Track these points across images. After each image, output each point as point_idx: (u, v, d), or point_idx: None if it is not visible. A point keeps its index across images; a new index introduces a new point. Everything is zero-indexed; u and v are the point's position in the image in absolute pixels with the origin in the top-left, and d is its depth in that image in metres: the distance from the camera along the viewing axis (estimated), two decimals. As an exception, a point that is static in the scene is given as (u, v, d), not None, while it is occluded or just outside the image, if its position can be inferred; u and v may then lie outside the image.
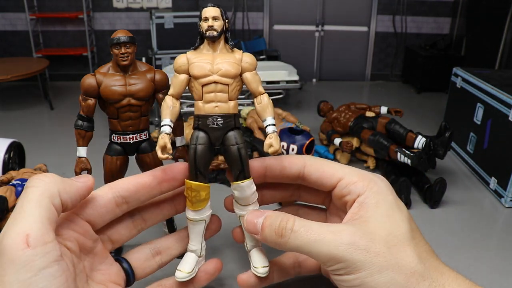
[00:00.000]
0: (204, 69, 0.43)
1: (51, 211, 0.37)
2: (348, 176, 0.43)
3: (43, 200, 0.37)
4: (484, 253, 1.95)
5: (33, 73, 3.79)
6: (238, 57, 0.44)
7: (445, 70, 3.93)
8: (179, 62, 0.44)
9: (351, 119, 3.07)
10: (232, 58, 0.43)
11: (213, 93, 0.43)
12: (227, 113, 0.43)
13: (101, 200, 0.41)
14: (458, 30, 4.80)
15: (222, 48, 0.45)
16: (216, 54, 0.44)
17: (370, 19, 5.00)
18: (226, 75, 0.43)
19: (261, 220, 0.41)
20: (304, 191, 0.48)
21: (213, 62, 0.43)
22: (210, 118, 0.43)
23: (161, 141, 0.42)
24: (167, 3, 4.72)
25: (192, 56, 0.45)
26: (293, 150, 2.93)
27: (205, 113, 0.43)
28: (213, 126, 0.42)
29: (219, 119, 0.42)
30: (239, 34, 4.88)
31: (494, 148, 2.72)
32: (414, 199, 2.61)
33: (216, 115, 0.43)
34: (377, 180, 0.42)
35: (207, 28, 0.43)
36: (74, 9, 4.56)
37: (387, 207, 0.40)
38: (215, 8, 0.45)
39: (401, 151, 2.67)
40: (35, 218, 0.35)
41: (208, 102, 0.43)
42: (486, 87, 2.78)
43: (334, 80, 5.12)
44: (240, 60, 0.44)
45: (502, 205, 2.50)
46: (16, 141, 2.33)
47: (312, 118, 3.59)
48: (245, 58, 0.45)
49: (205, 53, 0.44)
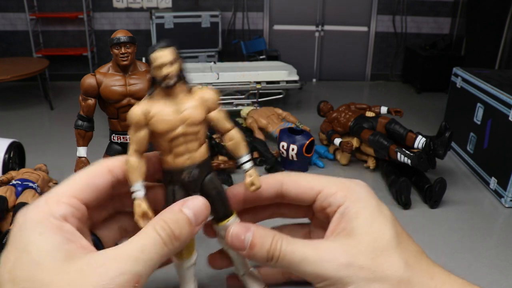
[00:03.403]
0: (168, 123, 0.36)
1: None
2: (326, 188, 0.42)
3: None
4: (484, 252, 1.95)
5: (33, 73, 3.79)
6: (200, 96, 0.38)
7: (445, 70, 3.93)
8: (135, 118, 0.36)
9: (351, 119, 3.08)
10: (194, 100, 0.37)
11: (183, 145, 0.37)
12: (200, 161, 0.38)
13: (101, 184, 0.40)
14: (458, 30, 4.80)
15: (180, 91, 0.37)
16: (177, 101, 0.36)
17: (370, 19, 5.00)
18: (194, 123, 0.37)
19: (250, 235, 0.40)
20: (284, 208, 0.47)
21: (176, 112, 0.36)
22: (185, 172, 0.37)
23: (138, 209, 0.36)
24: (167, 3, 4.72)
25: (149, 107, 0.36)
26: (293, 150, 2.93)
27: (176, 167, 0.37)
28: (190, 179, 0.38)
29: (194, 170, 0.38)
30: (239, 34, 4.88)
31: (494, 148, 2.72)
32: (414, 199, 2.60)
33: (189, 167, 0.37)
34: (355, 187, 0.41)
35: (163, 77, 0.35)
36: (74, 9, 4.56)
37: (367, 216, 0.39)
38: (169, 50, 0.36)
39: (401, 151, 2.67)
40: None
41: (178, 156, 0.37)
42: (486, 87, 2.78)
43: (334, 80, 5.12)
44: (202, 99, 0.38)
45: (502, 205, 2.51)
46: (16, 141, 2.33)
47: (312, 118, 3.60)
48: (206, 96, 0.38)
49: (163, 102, 0.36)
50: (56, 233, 0.33)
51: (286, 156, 2.78)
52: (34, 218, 0.34)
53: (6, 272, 0.32)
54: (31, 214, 0.34)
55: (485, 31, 4.04)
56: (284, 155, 2.79)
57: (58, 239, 0.33)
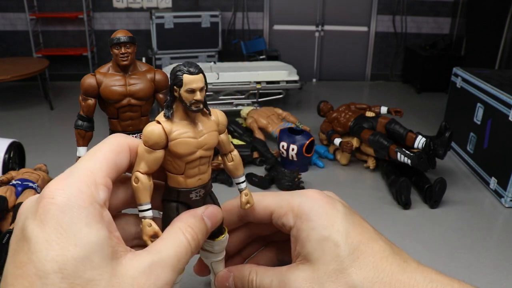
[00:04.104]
0: (190, 146, 0.36)
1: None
2: (277, 208, 0.42)
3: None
4: (484, 252, 1.95)
5: (33, 73, 3.79)
6: (215, 120, 0.38)
7: (445, 70, 3.94)
8: (155, 138, 0.35)
9: (351, 119, 3.08)
10: (212, 125, 0.37)
11: (197, 168, 0.37)
12: (207, 182, 0.39)
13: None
14: (458, 30, 4.80)
15: (200, 115, 0.37)
16: (196, 124, 0.37)
17: (370, 19, 5.00)
18: (211, 148, 0.37)
19: (231, 280, 0.43)
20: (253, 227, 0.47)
21: (196, 135, 0.36)
22: (193, 192, 0.38)
23: (149, 229, 0.35)
24: (167, 3, 4.72)
25: (170, 127, 0.35)
26: (293, 150, 2.94)
27: (186, 187, 0.38)
28: (196, 198, 0.38)
29: (202, 190, 0.38)
30: (239, 34, 4.88)
31: (494, 148, 2.73)
32: (414, 199, 2.60)
33: (199, 188, 0.38)
34: (305, 204, 0.41)
35: (193, 101, 0.35)
36: (74, 9, 4.56)
37: (318, 238, 0.38)
38: (201, 76, 0.35)
39: (401, 151, 2.67)
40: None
41: (190, 177, 0.37)
42: (486, 87, 2.79)
43: (334, 80, 5.13)
44: (217, 123, 0.38)
45: (502, 205, 2.51)
46: (16, 141, 2.33)
47: (312, 118, 3.61)
48: (220, 120, 0.39)
49: (183, 124, 0.36)
50: (101, 223, 0.30)
51: (286, 156, 2.78)
52: (79, 202, 0.30)
53: (51, 261, 0.27)
54: (75, 197, 0.30)
55: (485, 31, 4.04)
56: (284, 155, 2.80)
57: (104, 231, 0.30)
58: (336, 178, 2.81)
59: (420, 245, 1.96)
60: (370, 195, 2.50)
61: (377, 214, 2.29)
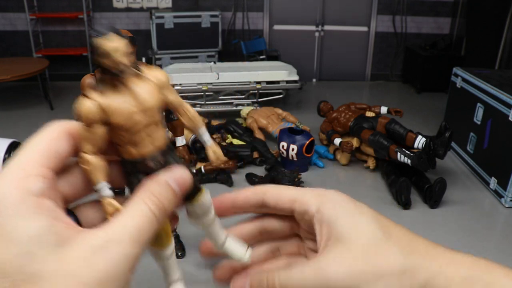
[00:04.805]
0: (129, 114, 0.33)
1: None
2: (300, 196, 0.41)
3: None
4: (484, 252, 1.95)
5: (33, 73, 3.79)
6: (153, 77, 0.34)
7: (445, 70, 3.93)
8: (88, 112, 0.32)
9: (351, 119, 3.09)
10: (150, 87, 0.34)
11: (145, 134, 0.34)
12: (164, 146, 0.35)
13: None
14: (458, 30, 4.80)
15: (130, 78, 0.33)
16: (129, 89, 0.33)
17: (370, 19, 5.00)
18: (153, 109, 0.34)
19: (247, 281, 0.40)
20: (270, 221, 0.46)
21: (132, 101, 0.33)
22: (149, 161, 0.34)
23: (110, 208, 0.33)
24: (167, 3, 4.72)
25: (102, 99, 0.32)
26: (293, 150, 2.93)
27: (142, 157, 0.35)
28: (156, 166, 0.35)
29: (159, 157, 0.35)
30: (239, 34, 4.88)
31: (494, 148, 2.73)
32: (414, 199, 2.60)
33: (154, 154, 0.35)
34: (329, 194, 0.41)
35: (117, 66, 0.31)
36: (74, 9, 4.56)
37: (348, 217, 0.38)
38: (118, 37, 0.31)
39: (401, 151, 2.67)
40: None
41: (140, 146, 0.34)
42: (486, 87, 2.79)
43: (334, 80, 5.12)
44: (155, 82, 0.34)
45: (502, 205, 2.51)
46: (16, 141, 2.33)
47: (312, 118, 3.60)
48: (158, 78, 0.35)
49: (115, 92, 0.33)
50: (39, 213, 0.29)
51: (286, 156, 2.78)
52: (11, 200, 0.29)
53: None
54: (7, 196, 0.29)
55: (485, 31, 4.04)
56: (284, 155, 2.80)
57: (44, 221, 0.29)
58: (336, 178, 2.81)
59: (420, 245, 1.96)
60: (370, 195, 2.50)
61: (377, 214, 2.29)
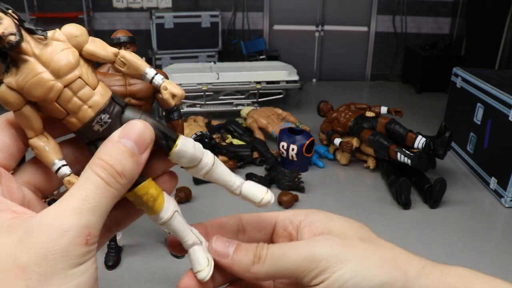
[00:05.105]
0: (43, 82, 0.30)
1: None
2: (282, 213, 0.41)
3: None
4: (484, 253, 1.95)
5: (33, 73, 3.78)
6: (62, 38, 0.31)
7: (445, 70, 3.93)
8: (5, 98, 0.30)
9: (351, 119, 3.08)
10: (58, 46, 0.31)
11: (74, 98, 0.31)
12: (105, 103, 0.32)
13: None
14: (458, 30, 4.80)
15: (34, 44, 0.30)
16: (37, 56, 0.30)
17: (370, 19, 5.00)
18: (71, 69, 0.31)
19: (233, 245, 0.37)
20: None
21: (44, 68, 0.30)
22: (94, 123, 0.32)
23: (69, 186, 0.32)
24: (167, 3, 4.72)
25: (11, 78, 0.30)
26: (293, 150, 2.93)
27: (83, 123, 0.32)
28: (104, 127, 0.32)
29: (103, 115, 0.32)
30: (239, 34, 4.88)
31: (494, 148, 2.73)
32: (414, 199, 2.60)
33: (96, 115, 0.32)
34: (313, 209, 0.41)
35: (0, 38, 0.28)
36: (74, 9, 4.56)
37: (339, 218, 0.38)
38: None
39: (401, 151, 2.67)
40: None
41: (77, 112, 0.31)
42: (486, 87, 2.79)
43: (334, 80, 5.12)
44: (66, 38, 0.31)
45: (502, 205, 2.51)
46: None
47: (312, 118, 3.60)
48: (68, 32, 0.31)
49: (23, 67, 0.30)
50: None
51: (286, 156, 2.78)
52: None
53: None
54: None
55: (485, 31, 4.04)
56: (284, 155, 2.80)
57: None
58: (336, 178, 2.81)
59: (420, 245, 1.96)
60: (370, 195, 2.50)
61: (377, 214, 2.29)
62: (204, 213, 2.26)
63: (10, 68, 0.31)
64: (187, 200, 2.36)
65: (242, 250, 0.36)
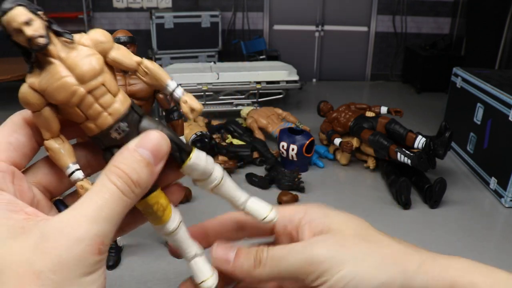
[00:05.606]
0: (67, 86, 0.30)
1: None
2: (282, 209, 0.41)
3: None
4: (484, 253, 1.95)
5: (33, 73, 3.78)
6: (88, 43, 0.31)
7: (445, 70, 3.93)
8: (25, 97, 0.30)
9: (351, 119, 3.07)
10: (84, 51, 0.31)
11: (96, 104, 0.31)
12: (124, 111, 0.32)
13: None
14: (458, 30, 4.80)
15: (60, 47, 0.30)
16: (63, 59, 0.30)
17: (370, 19, 5.00)
18: (95, 75, 0.31)
19: (234, 250, 0.38)
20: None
21: (69, 72, 0.30)
22: (112, 131, 0.32)
23: (82, 191, 0.32)
24: (167, 3, 4.72)
25: (35, 79, 0.30)
26: (293, 150, 2.93)
27: (101, 130, 0.32)
28: (122, 135, 0.32)
29: (122, 124, 0.32)
30: (239, 34, 4.88)
31: (494, 148, 2.73)
32: (414, 199, 2.60)
33: (115, 123, 0.32)
34: (312, 204, 0.41)
35: (30, 40, 0.28)
36: (74, 9, 4.56)
37: (338, 215, 0.38)
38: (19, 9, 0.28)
39: (401, 151, 2.67)
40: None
41: (97, 118, 0.31)
42: (486, 87, 2.79)
43: (334, 80, 5.12)
44: (92, 44, 0.32)
45: (502, 205, 2.51)
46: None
47: (312, 118, 3.59)
48: (95, 38, 0.31)
49: (48, 68, 0.30)
50: None
51: (286, 156, 2.78)
52: None
53: None
54: None
55: (485, 31, 4.04)
56: (284, 155, 2.80)
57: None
58: (336, 178, 2.81)
59: (420, 245, 1.95)
60: (370, 195, 2.50)
61: (377, 214, 2.29)
62: (204, 213, 2.26)
63: (33, 68, 0.31)
64: (187, 200, 2.36)
65: (242, 255, 0.36)
